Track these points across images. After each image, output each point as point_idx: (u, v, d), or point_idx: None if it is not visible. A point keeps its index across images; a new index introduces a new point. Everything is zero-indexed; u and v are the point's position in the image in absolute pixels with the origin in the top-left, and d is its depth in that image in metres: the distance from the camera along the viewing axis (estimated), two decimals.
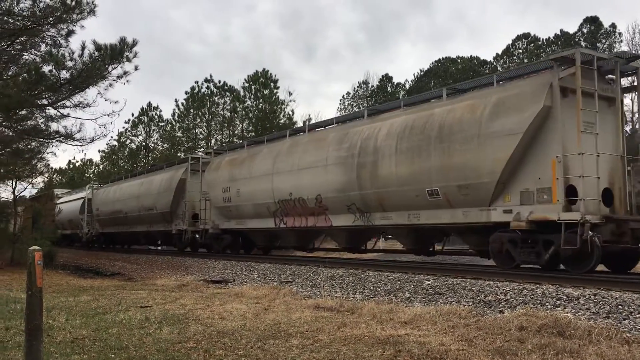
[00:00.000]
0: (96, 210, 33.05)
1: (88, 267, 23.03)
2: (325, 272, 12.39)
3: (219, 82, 50.86)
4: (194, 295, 10.64)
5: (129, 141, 57.50)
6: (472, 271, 11.44)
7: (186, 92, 51.76)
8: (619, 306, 7.13)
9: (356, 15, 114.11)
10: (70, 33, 16.83)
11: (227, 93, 50.74)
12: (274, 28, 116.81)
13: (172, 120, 53.36)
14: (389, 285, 10.47)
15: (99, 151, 67.80)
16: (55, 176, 62.51)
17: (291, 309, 8.54)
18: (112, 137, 58.01)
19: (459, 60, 68.77)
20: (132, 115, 56.95)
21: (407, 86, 70.72)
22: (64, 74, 16.64)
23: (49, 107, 18.23)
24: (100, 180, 38.33)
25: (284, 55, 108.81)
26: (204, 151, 21.80)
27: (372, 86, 69.71)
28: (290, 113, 48.75)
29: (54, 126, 19.48)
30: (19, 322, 7.03)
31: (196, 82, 51.94)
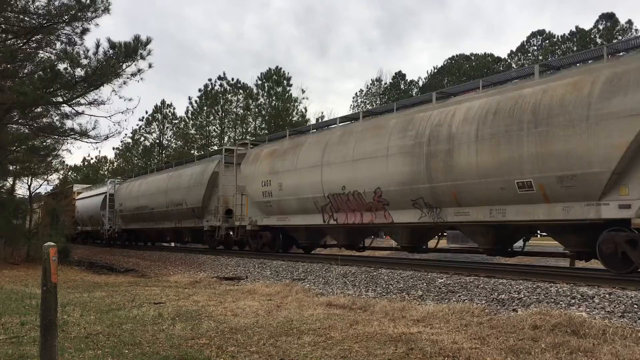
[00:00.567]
0: (119, 205, 31.59)
1: (102, 264, 23.21)
2: (338, 270, 12.39)
3: (232, 79, 51.10)
4: (207, 292, 10.69)
5: (143, 138, 57.93)
6: (485, 269, 11.39)
7: (199, 90, 52.12)
8: (634, 305, 7.05)
9: (370, 12, 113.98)
10: (85, 31, 16.98)
11: (240, 90, 50.91)
12: (287, 25, 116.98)
13: (186, 117, 53.68)
14: (401, 283, 10.45)
15: (114, 148, 68.52)
16: (70, 173, 63.02)
17: (303, 306, 8.55)
18: (126, 135, 58.49)
19: (472, 58, 68.38)
20: (146, 112, 57.38)
21: (420, 83, 70.45)
22: (79, 72, 16.79)
23: (64, 105, 18.39)
24: (114, 177, 37.70)
25: (297, 52, 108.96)
26: (240, 142, 20.55)
27: (385, 83, 69.55)
28: (303, 110, 48.83)
29: (69, 123, 19.71)
30: (34, 318, 7.12)
31: (209, 79, 52.30)
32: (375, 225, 14.69)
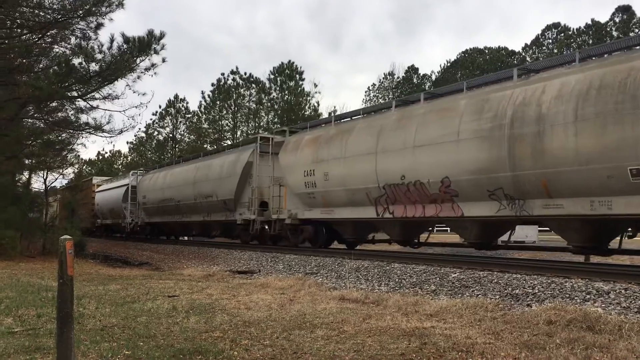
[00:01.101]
0: (142, 198, 30.29)
1: (117, 257, 23.41)
2: (351, 264, 12.39)
3: (245, 74, 51.19)
4: (220, 286, 10.74)
5: (156, 133, 58.25)
6: (498, 264, 11.31)
7: (212, 84, 52.23)
8: None
9: (383, 5, 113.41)
10: (99, 26, 17.06)
11: (253, 85, 50.99)
12: (300, 19, 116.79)
13: (199, 112, 53.88)
14: (414, 278, 10.42)
15: (127, 143, 68.86)
16: (85, 167, 63.56)
17: (316, 300, 8.56)
18: (140, 129, 59.03)
19: (486, 51, 67.90)
20: (160, 107, 57.72)
21: (433, 77, 70.09)
22: (94, 67, 16.92)
23: (78, 99, 18.57)
24: (136, 169, 37.05)
25: (309, 46, 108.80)
26: (277, 129, 19.09)
27: (398, 77, 69.27)
28: (316, 105, 48.80)
29: (83, 118, 19.90)
30: (51, 310, 7.20)
31: (222, 74, 52.33)
32: (440, 219, 13.40)
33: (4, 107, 17.12)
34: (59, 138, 22.38)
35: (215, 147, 41.37)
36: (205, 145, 48.86)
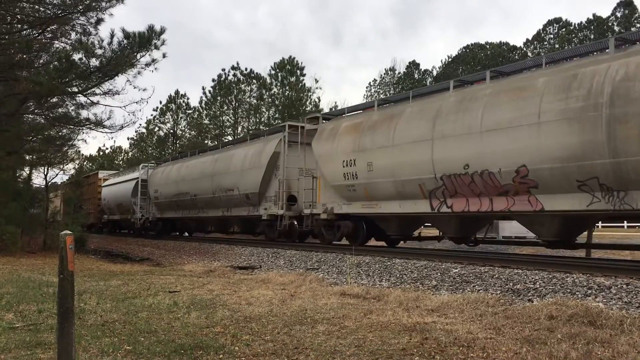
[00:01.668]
0: (154, 192, 28.71)
1: (118, 252, 23.44)
2: (352, 259, 12.39)
3: (246, 69, 50.99)
4: (221, 281, 10.75)
5: (157, 129, 58.19)
6: (500, 259, 11.31)
7: (213, 80, 52.10)
8: None
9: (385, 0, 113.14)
10: (99, 21, 17.05)
11: (254, 80, 50.88)
12: (301, 13, 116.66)
13: (200, 107, 53.82)
14: (415, 273, 10.42)
15: (128, 138, 68.95)
16: (85, 163, 63.60)
17: (317, 296, 8.56)
18: (140, 125, 58.85)
19: (487, 46, 67.77)
20: (160, 102, 57.52)
21: (434, 73, 69.99)
22: (94, 62, 16.89)
23: (79, 95, 18.54)
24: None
25: (310, 41, 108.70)
26: (309, 115, 17.69)
27: (399, 73, 69.17)
28: (317, 100, 48.73)
29: (84, 113, 19.89)
30: (52, 305, 7.20)
31: (223, 69, 52.26)
32: (511, 214, 11.83)
33: (5, 103, 17.12)
34: (60, 134, 22.39)
35: (215, 142, 41.27)
36: (206, 141, 48.79)
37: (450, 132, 12.20)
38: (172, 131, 57.19)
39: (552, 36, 63.00)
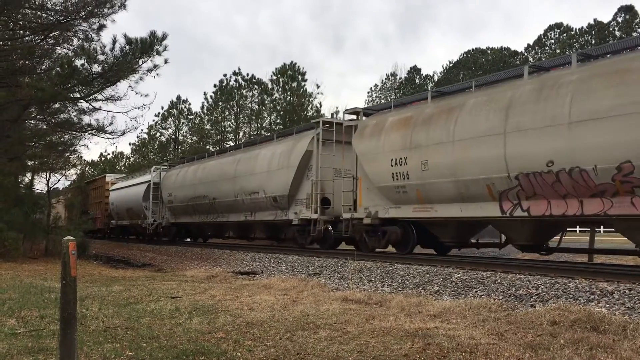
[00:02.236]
0: (168, 196, 27.34)
1: (119, 258, 23.44)
2: (353, 265, 12.38)
3: (247, 75, 51.14)
4: (223, 287, 10.73)
5: (158, 134, 58.31)
6: (502, 264, 11.29)
7: (215, 85, 52.22)
8: None
9: (386, 5, 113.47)
10: (101, 27, 17.13)
11: (255, 86, 50.99)
12: (302, 18, 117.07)
13: (201, 113, 53.93)
14: (417, 279, 10.41)
15: (130, 144, 68.98)
16: (87, 168, 63.68)
17: (319, 301, 8.55)
18: (142, 130, 58.94)
19: (489, 52, 67.86)
20: (162, 108, 57.70)
21: (435, 78, 70.08)
22: (96, 68, 16.92)
23: (81, 101, 18.57)
24: (159, 164, 34.26)
25: (312, 47, 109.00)
26: (349, 110, 16.69)
27: (400, 78, 69.28)
28: (318, 105, 48.80)
29: (86, 119, 19.93)
30: (54, 311, 7.20)
31: (224, 75, 52.38)
32: (607, 218, 10.14)
33: (7, 109, 17.16)
34: (62, 139, 22.43)
35: (217, 147, 41.26)
36: (207, 147, 48.86)
37: (528, 124, 10.68)
38: (173, 137, 57.32)
39: (553, 41, 63.07)
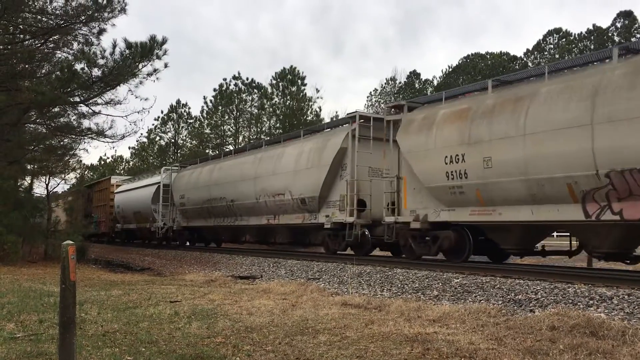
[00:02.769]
0: (179, 198, 25.92)
1: (118, 262, 23.40)
2: (353, 269, 12.37)
3: (247, 79, 51.20)
4: (222, 291, 10.72)
5: (158, 138, 58.33)
6: (501, 269, 11.28)
7: (214, 89, 52.26)
8: None
9: (386, 10, 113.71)
10: (101, 31, 17.18)
11: (255, 90, 51.05)
12: (302, 23, 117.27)
13: (201, 117, 53.96)
14: (416, 283, 10.40)
15: (129, 148, 69.05)
16: (86, 172, 63.68)
17: (319, 306, 8.54)
18: (142, 134, 58.94)
19: (488, 56, 67.93)
20: (162, 112, 57.73)
21: (435, 82, 70.16)
22: (96, 72, 16.99)
23: (81, 105, 18.63)
24: (171, 164, 32.95)
25: (312, 51, 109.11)
26: (391, 104, 15.48)
27: (400, 83, 69.38)
28: (318, 110, 48.85)
29: (86, 123, 19.96)
30: (52, 315, 7.19)
31: (224, 79, 52.50)
32: None
33: (7, 113, 17.17)
34: (61, 143, 22.44)
35: (217, 152, 41.20)
36: (207, 151, 48.86)
37: (622, 114, 9.30)
38: (173, 140, 57.33)
39: (552, 46, 63.18)
